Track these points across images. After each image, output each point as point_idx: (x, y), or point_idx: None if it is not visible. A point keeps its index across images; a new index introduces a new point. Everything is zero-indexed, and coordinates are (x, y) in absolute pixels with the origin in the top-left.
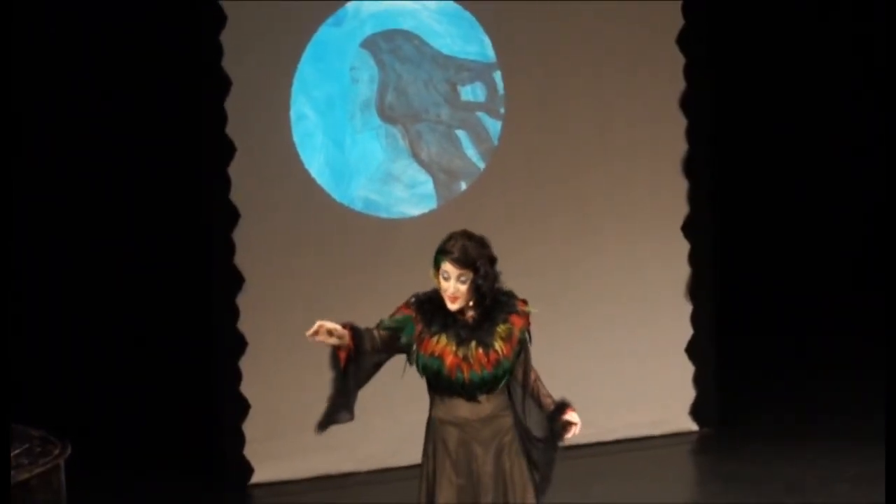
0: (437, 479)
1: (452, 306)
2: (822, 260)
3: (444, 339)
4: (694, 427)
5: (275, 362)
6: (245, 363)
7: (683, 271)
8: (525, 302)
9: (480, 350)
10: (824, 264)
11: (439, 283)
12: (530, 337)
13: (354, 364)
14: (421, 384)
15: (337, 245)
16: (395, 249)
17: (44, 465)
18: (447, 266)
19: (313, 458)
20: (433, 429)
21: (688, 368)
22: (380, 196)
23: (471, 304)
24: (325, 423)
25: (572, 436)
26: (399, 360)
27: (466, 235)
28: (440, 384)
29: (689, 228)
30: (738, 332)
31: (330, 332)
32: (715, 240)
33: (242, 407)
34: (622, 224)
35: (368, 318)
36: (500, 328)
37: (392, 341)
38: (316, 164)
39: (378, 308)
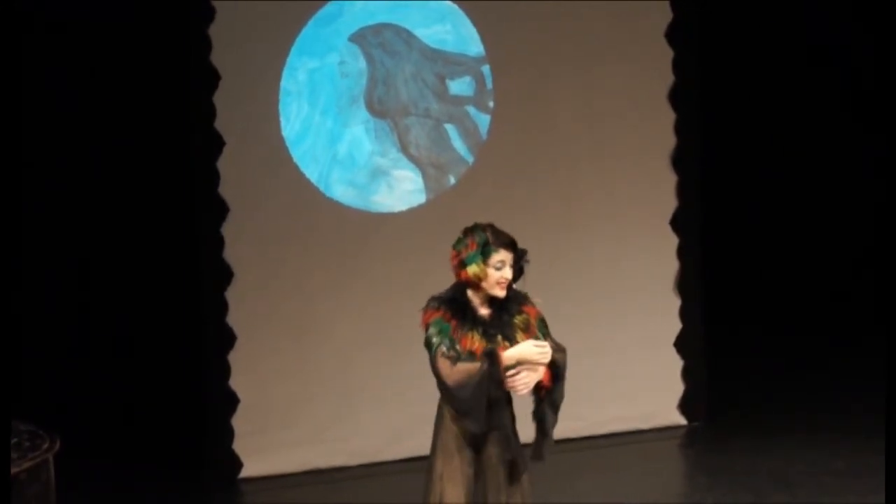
0: (449, 472)
1: (501, 293)
2: (810, 254)
3: (475, 335)
4: (682, 421)
5: (264, 356)
6: (234, 357)
7: (672, 265)
8: (527, 296)
9: (507, 343)
10: (813, 258)
11: (487, 274)
12: (545, 323)
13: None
14: (410, 379)
15: (326, 239)
16: (385, 243)
17: (33, 459)
18: (503, 255)
19: (302, 452)
20: (446, 422)
21: (676, 362)
22: (368, 190)
23: (487, 300)
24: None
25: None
26: (393, 353)
27: (490, 224)
28: None
29: (677, 222)
30: (727, 327)
31: None
32: (704, 234)
33: (231, 401)
34: (611, 218)
35: (357, 312)
36: (517, 319)
37: None
38: (305, 158)
39: (367, 302)
